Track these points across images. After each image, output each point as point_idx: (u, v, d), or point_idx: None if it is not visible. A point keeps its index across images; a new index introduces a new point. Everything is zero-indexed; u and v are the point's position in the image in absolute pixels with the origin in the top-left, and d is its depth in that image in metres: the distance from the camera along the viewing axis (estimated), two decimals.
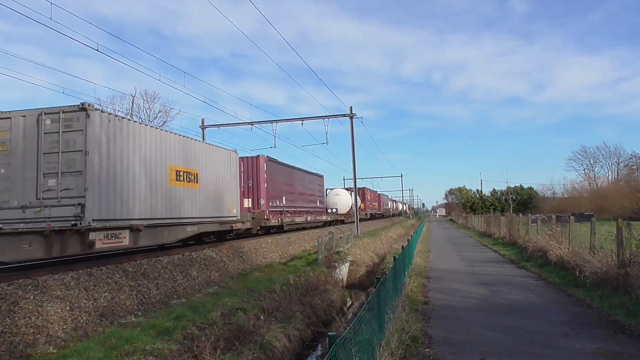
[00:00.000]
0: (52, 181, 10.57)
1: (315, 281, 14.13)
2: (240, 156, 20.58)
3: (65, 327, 7.78)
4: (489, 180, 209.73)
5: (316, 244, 19.03)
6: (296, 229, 27.48)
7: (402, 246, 13.58)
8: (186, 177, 14.46)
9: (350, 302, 15.86)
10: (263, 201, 22.07)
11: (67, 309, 8.19)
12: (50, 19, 13.61)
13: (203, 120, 33.00)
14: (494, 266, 17.09)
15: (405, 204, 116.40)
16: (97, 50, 16.55)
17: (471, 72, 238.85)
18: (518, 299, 10.64)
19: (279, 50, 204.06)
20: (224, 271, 14.02)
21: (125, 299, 9.65)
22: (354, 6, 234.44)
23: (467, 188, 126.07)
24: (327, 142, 32.88)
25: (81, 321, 8.15)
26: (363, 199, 49.03)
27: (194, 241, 16.87)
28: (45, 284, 8.58)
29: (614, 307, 9.02)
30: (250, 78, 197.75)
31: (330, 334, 3.62)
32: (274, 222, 23.07)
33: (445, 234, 43.17)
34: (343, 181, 74.64)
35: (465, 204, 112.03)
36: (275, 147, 31.51)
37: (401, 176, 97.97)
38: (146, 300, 10.09)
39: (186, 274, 12.35)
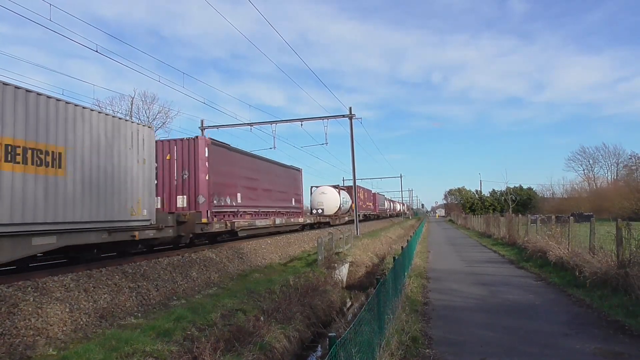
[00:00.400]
0: None
1: (315, 282, 14.13)
2: (176, 138, 16.67)
3: (65, 328, 7.78)
4: (488, 181, 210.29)
5: (316, 244, 19.06)
6: (258, 235, 21.15)
7: (402, 247, 13.58)
8: (34, 156, 9.20)
9: (350, 303, 15.85)
10: (202, 198, 16.25)
11: (67, 310, 8.20)
12: (49, 20, 13.64)
13: (202, 121, 33.07)
14: (493, 266, 17.08)
15: (404, 204, 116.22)
16: (97, 51, 16.36)
17: (471, 72, 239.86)
18: (518, 299, 10.64)
19: (279, 51, 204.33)
20: (223, 272, 14.03)
21: (125, 300, 9.65)
22: (353, 7, 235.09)
23: (467, 188, 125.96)
24: (327, 143, 33.00)
25: (81, 323, 8.16)
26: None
27: (66, 259, 11.77)
28: (45, 285, 8.58)
29: (613, 307, 9.03)
30: (249, 79, 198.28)
31: (330, 334, 3.61)
32: (218, 226, 16.90)
33: (445, 234, 43.13)
34: (342, 182, 74.77)
35: (465, 204, 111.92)
36: (275, 147, 31.52)
37: (400, 177, 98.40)
38: (146, 302, 10.10)
39: (186, 275, 12.36)
